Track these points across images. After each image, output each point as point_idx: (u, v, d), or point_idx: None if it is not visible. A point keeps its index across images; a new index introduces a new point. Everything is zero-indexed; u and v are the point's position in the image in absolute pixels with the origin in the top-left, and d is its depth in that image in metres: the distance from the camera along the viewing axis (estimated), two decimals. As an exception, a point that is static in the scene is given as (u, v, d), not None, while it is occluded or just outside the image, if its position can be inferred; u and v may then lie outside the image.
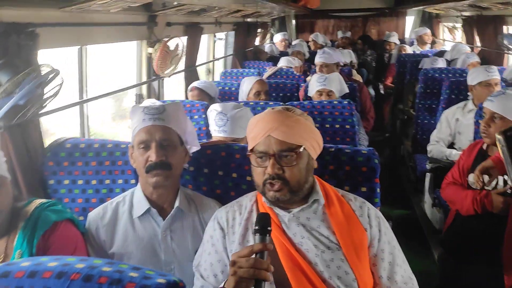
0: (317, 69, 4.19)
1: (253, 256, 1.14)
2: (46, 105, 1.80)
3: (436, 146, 3.23)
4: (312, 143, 1.39)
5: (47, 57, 2.03)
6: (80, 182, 1.81)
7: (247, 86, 3.29)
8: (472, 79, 3.15)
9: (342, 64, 4.41)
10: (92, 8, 2.13)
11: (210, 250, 1.42)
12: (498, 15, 4.50)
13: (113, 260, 0.94)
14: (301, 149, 1.35)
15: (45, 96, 1.76)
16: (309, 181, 1.41)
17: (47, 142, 1.93)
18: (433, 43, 6.98)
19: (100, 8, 2.18)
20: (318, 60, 4.16)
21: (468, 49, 5.16)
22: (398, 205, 4.05)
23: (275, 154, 1.34)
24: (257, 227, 1.18)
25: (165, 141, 1.56)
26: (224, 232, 1.42)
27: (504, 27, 4.54)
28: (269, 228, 1.18)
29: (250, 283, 1.13)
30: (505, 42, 4.15)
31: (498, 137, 1.21)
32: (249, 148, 1.41)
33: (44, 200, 1.49)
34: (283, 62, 4.80)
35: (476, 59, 4.44)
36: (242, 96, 3.32)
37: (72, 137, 1.88)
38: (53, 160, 1.81)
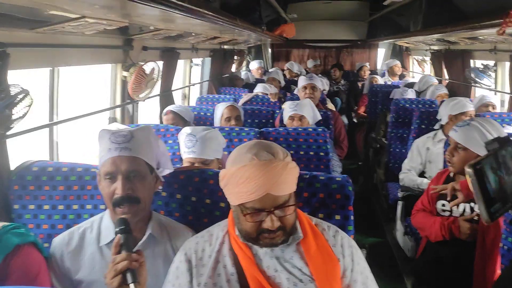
0: (302, 91, 4.27)
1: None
2: (13, 126, 1.74)
3: (407, 175, 3.28)
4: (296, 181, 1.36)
5: (21, 77, 1.99)
6: (46, 207, 1.74)
7: (219, 111, 3.30)
8: (453, 109, 3.17)
9: (321, 90, 4.53)
10: (66, 30, 2.10)
11: (174, 282, 1.39)
12: (465, 50, 4.69)
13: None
14: (292, 194, 1.32)
15: (13, 117, 1.71)
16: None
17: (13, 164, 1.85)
18: (401, 76, 7.21)
19: (74, 30, 2.15)
20: (307, 82, 4.24)
21: (435, 81, 5.35)
22: (372, 233, 4.07)
23: (273, 211, 1.28)
24: (117, 229, 1.33)
25: (132, 173, 1.50)
26: (190, 265, 1.38)
27: (471, 61, 4.73)
28: (122, 227, 1.32)
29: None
30: (472, 75, 4.31)
31: (468, 170, 1.22)
32: (236, 202, 1.31)
33: (6, 223, 1.42)
34: (259, 88, 4.84)
35: (444, 91, 4.59)
36: (216, 121, 3.32)
37: (40, 160, 1.82)
38: (18, 183, 1.74)
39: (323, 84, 5.79)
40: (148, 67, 3.11)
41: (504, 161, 1.27)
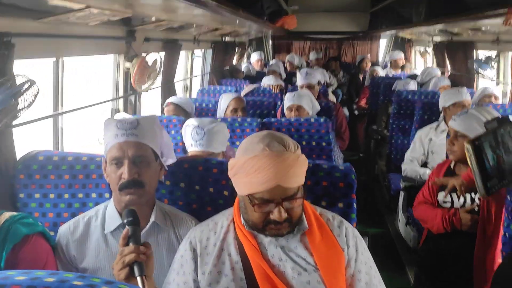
0: (300, 89, 4.23)
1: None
2: (19, 115, 1.76)
3: (410, 165, 3.29)
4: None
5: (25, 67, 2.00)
6: (51, 196, 1.76)
7: (224, 102, 3.30)
8: (445, 100, 3.24)
9: (322, 82, 4.51)
10: (70, 20, 2.10)
11: (179, 270, 1.40)
12: (468, 41, 4.68)
13: (84, 274, 0.90)
14: (301, 187, 1.32)
15: (19, 107, 1.72)
16: None
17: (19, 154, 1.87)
18: (402, 67, 7.18)
19: (78, 21, 2.16)
20: (303, 82, 4.22)
21: (438, 72, 5.34)
22: (373, 224, 4.09)
23: (282, 202, 1.28)
24: (125, 221, 1.30)
25: (138, 158, 1.51)
26: (195, 253, 1.39)
27: (474, 52, 4.72)
28: (130, 219, 1.30)
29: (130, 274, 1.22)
30: (475, 66, 4.31)
31: (467, 146, 1.25)
32: (245, 192, 1.31)
33: (14, 213, 1.44)
34: (267, 80, 4.83)
35: (447, 82, 4.58)
36: (220, 112, 3.33)
37: (45, 149, 1.83)
38: (24, 172, 1.75)
39: (324, 76, 5.79)
40: (150, 58, 3.12)
41: (503, 140, 1.29)
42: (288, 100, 3.34)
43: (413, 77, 5.55)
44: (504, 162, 1.27)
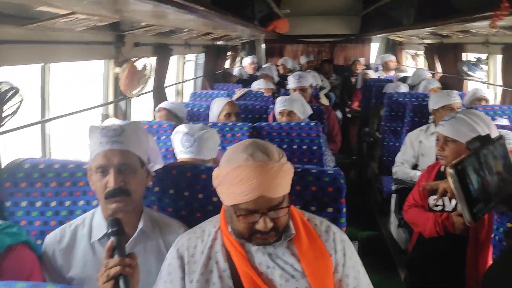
0: (292, 92, 4.23)
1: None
2: (4, 123, 1.74)
3: (401, 168, 3.29)
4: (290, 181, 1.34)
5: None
6: (38, 204, 1.74)
7: (217, 107, 3.28)
8: (435, 103, 3.24)
9: (314, 85, 4.49)
10: (57, 26, 2.09)
11: (166, 278, 1.38)
12: (457, 43, 4.71)
13: (67, 286, 0.89)
14: (286, 196, 1.31)
15: (3, 114, 1.70)
16: None
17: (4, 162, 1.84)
18: (395, 69, 7.21)
19: (65, 26, 2.14)
20: (295, 85, 4.21)
21: (428, 74, 5.35)
22: (366, 227, 4.08)
23: (267, 212, 1.27)
24: (109, 231, 1.27)
25: (124, 166, 1.50)
26: (182, 261, 1.38)
27: (464, 54, 4.75)
28: (115, 229, 1.27)
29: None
30: (464, 68, 4.32)
31: (449, 170, 1.21)
32: (229, 203, 1.30)
33: (-1, 222, 1.42)
34: (260, 84, 4.83)
35: (437, 84, 4.59)
36: (212, 117, 3.30)
37: (31, 157, 1.81)
38: (10, 181, 1.73)
39: (315, 79, 5.79)
40: (140, 63, 3.10)
41: (486, 160, 1.27)
42: (279, 104, 3.33)
43: (404, 79, 5.57)
44: (489, 185, 1.24)
